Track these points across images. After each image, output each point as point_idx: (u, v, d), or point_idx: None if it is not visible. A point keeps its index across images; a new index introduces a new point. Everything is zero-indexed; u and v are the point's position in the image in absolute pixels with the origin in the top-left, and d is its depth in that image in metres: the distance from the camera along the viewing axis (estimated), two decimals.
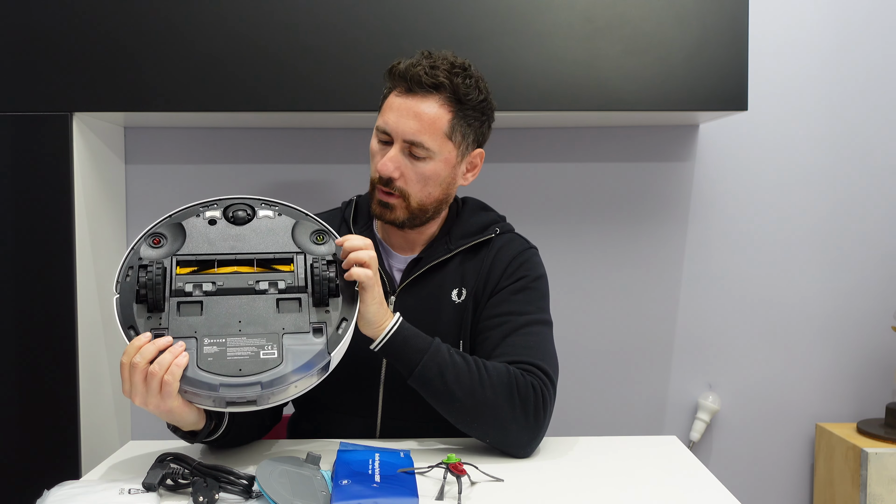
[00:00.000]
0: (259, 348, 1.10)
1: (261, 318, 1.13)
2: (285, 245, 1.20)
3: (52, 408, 1.74)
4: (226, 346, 1.09)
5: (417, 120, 1.29)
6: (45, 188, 1.73)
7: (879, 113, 2.06)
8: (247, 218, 1.22)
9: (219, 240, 1.19)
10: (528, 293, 1.35)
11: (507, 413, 1.21)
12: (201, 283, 1.14)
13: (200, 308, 1.12)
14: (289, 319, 1.13)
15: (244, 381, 1.07)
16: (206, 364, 1.07)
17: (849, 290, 2.08)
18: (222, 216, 1.21)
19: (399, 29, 1.71)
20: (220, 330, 1.11)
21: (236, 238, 1.20)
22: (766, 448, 2.10)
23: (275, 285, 1.16)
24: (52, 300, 1.74)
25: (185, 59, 1.71)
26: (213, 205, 1.22)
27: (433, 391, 1.22)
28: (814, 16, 2.04)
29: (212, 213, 1.21)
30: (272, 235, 1.21)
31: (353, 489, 1.00)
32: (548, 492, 1.09)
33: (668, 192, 2.06)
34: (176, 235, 1.19)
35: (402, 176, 1.30)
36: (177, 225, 1.19)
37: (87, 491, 1.02)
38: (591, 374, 2.07)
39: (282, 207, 1.24)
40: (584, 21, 1.73)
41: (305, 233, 1.22)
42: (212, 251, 1.18)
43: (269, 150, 2.02)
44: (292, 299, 1.15)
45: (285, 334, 1.12)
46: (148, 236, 1.18)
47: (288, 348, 1.10)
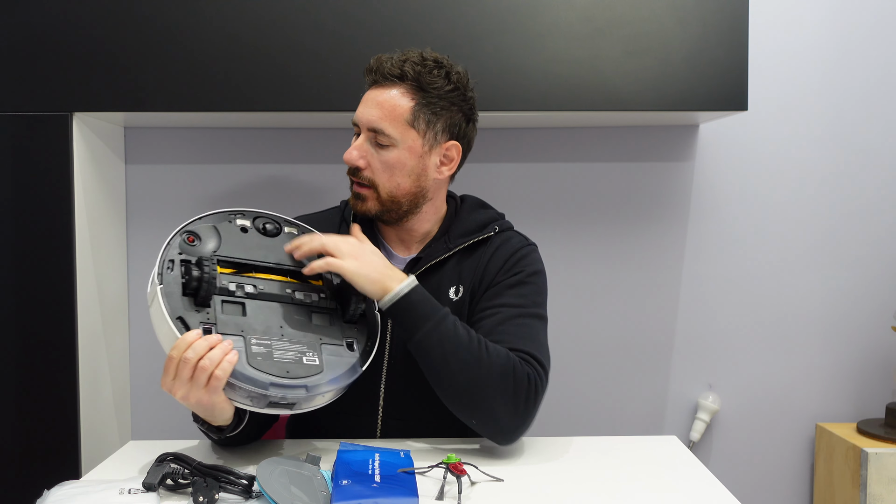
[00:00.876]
0: (302, 354, 1.14)
1: (299, 326, 1.17)
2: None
3: (52, 408, 1.74)
4: (272, 348, 1.13)
5: (379, 108, 1.31)
6: (45, 188, 1.73)
7: (879, 113, 2.06)
8: (275, 231, 1.27)
9: (253, 248, 1.22)
10: (525, 287, 1.34)
11: (499, 396, 1.19)
12: (244, 285, 1.17)
13: (242, 309, 1.15)
14: (324, 331, 1.19)
15: (292, 382, 1.10)
16: (256, 362, 1.10)
17: (849, 290, 2.08)
18: (252, 226, 1.25)
19: (399, 29, 1.71)
20: (265, 332, 1.14)
21: (268, 248, 1.24)
22: (766, 448, 2.10)
23: (309, 297, 1.21)
24: (52, 300, 1.74)
25: (185, 59, 1.71)
26: (241, 214, 1.26)
27: (430, 360, 1.22)
28: (814, 16, 2.04)
29: (242, 221, 1.25)
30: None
31: (353, 489, 1.00)
32: (548, 492, 1.09)
33: (668, 192, 2.06)
34: (210, 237, 1.21)
35: (368, 166, 1.33)
36: (211, 227, 1.22)
37: (87, 491, 1.02)
38: (592, 374, 2.08)
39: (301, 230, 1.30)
40: (584, 21, 1.73)
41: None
42: (248, 257, 1.21)
43: (269, 150, 2.02)
44: (324, 312, 1.22)
45: (323, 344, 1.17)
46: (182, 233, 1.19)
47: (326, 358, 1.16)
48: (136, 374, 2.04)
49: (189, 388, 1.07)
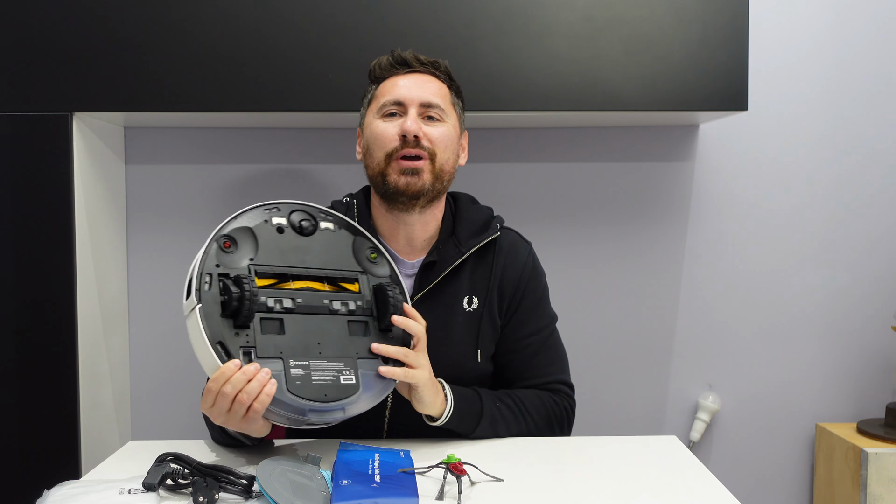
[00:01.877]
0: (339, 373, 1.13)
1: (336, 341, 1.16)
2: (348, 262, 1.24)
3: (52, 408, 1.74)
4: (310, 370, 1.12)
5: (428, 87, 1.38)
6: (45, 188, 1.73)
7: (880, 112, 2.06)
8: (311, 229, 1.23)
9: (289, 251, 1.20)
10: (542, 305, 1.46)
11: (547, 435, 1.37)
12: (283, 299, 1.15)
13: (280, 325, 1.13)
14: (360, 344, 1.18)
15: (330, 406, 1.11)
16: (295, 388, 1.09)
17: (849, 290, 2.08)
18: (288, 224, 1.22)
19: (400, 29, 1.71)
20: (303, 352, 1.13)
21: (304, 250, 1.21)
22: (766, 448, 2.10)
23: (346, 305, 1.19)
24: (52, 300, 1.74)
25: (184, 58, 1.71)
26: (277, 209, 1.22)
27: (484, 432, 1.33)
28: (814, 16, 2.04)
29: (278, 219, 1.21)
30: (335, 250, 1.24)
31: (354, 489, 1.00)
32: (548, 492, 1.09)
33: (668, 192, 2.06)
34: (246, 241, 1.18)
35: (426, 135, 1.34)
36: (246, 230, 1.19)
37: (87, 491, 1.02)
38: (592, 374, 2.07)
39: (335, 219, 1.27)
40: (584, 21, 1.73)
41: (362, 249, 1.26)
42: (284, 262, 1.18)
43: (269, 150, 2.02)
44: (360, 322, 1.20)
45: (359, 359, 1.16)
46: (218, 238, 1.17)
47: (363, 374, 1.15)
48: (136, 374, 2.04)
49: (227, 417, 1.08)
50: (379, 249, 1.28)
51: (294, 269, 1.19)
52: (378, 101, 1.38)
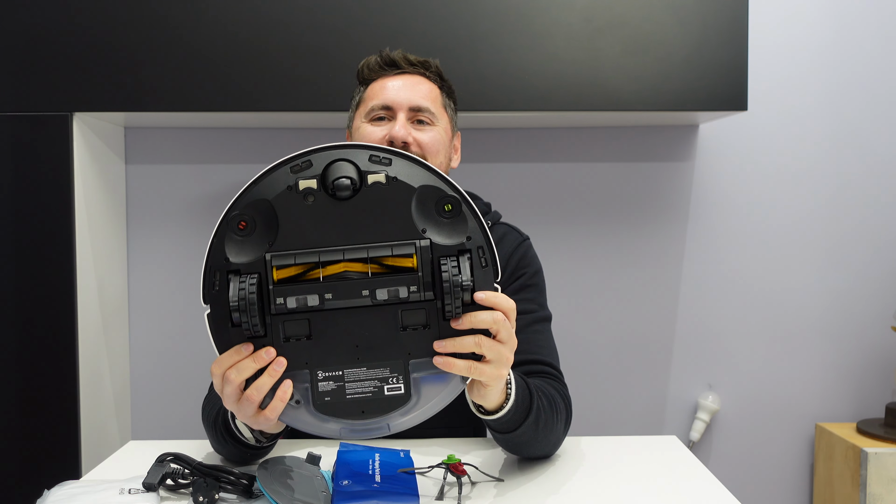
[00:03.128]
0: (383, 382, 0.91)
1: (381, 341, 0.91)
2: (405, 226, 0.91)
3: (52, 408, 1.74)
4: (344, 382, 0.91)
5: (418, 89, 1.32)
6: (45, 188, 1.73)
7: (879, 112, 2.06)
8: (351, 189, 0.91)
9: (319, 224, 0.91)
10: (529, 291, 1.35)
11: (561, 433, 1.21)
12: (305, 297, 0.90)
13: (308, 327, 0.91)
14: (414, 340, 0.91)
15: (368, 424, 0.92)
16: (323, 405, 0.91)
17: (849, 290, 2.08)
18: (320, 187, 0.92)
19: (399, 29, 1.71)
20: (336, 360, 0.91)
21: (341, 219, 0.91)
22: (766, 448, 2.10)
23: (395, 293, 0.91)
24: (52, 300, 1.74)
25: (185, 59, 1.71)
26: (308, 163, 0.93)
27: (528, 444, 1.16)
28: (813, 16, 2.04)
29: (307, 182, 0.91)
30: (387, 213, 0.91)
31: (354, 489, 1.00)
32: (548, 492, 1.09)
33: (668, 192, 2.06)
34: (266, 219, 0.92)
35: (415, 141, 1.29)
36: (264, 203, 0.92)
37: (87, 491, 1.02)
38: (591, 374, 2.07)
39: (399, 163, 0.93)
40: (583, 21, 1.73)
41: (430, 202, 0.93)
42: (312, 242, 0.91)
43: (269, 150, 2.02)
44: (417, 310, 0.91)
45: (411, 360, 0.91)
46: (231, 218, 0.92)
47: (416, 380, 0.91)
48: (136, 374, 2.04)
49: (237, 408, 0.93)
50: (457, 198, 0.93)
51: (323, 250, 0.91)
52: (366, 104, 1.33)
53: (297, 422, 0.93)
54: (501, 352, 0.93)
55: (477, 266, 0.92)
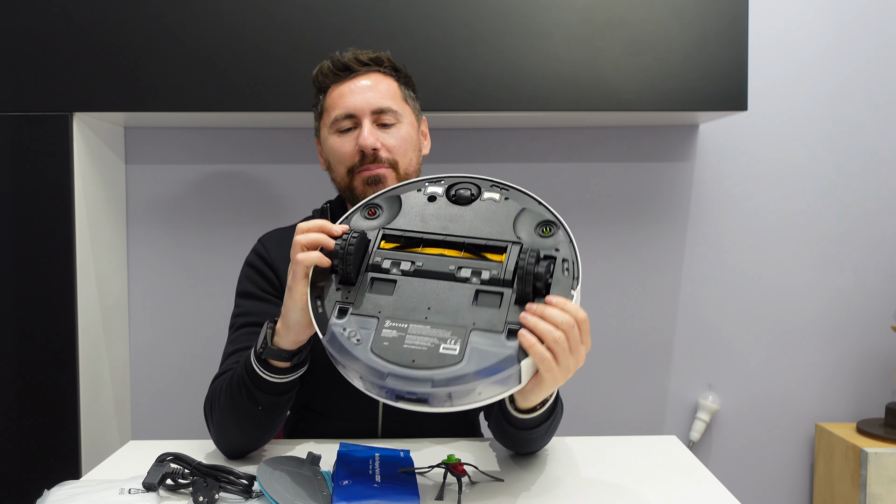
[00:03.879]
0: (441, 341, 0.97)
1: (452, 309, 1.00)
2: (503, 232, 1.05)
3: (52, 408, 1.74)
4: (406, 333, 0.98)
5: (376, 90, 1.33)
6: (45, 188, 1.73)
7: (879, 112, 2.06)
8: (469, 198, 1.09)
9: (433, 218, 1.07)
10: None
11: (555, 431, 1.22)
12: (399, 261, 1.04)
13: (392, 287, 1.02)
14: (484, 315, 0.99)
15: (415, 374, 0.95)
16: (380, 348, 0.97)
17: (849, 290, 2.08)
18: (444, 193, 1.09)
19: (399, 29, 1.72)
20: (406, 314, 1.00)
21: (452, 218, 1.07)
22: (766, 448, 2.10)
23: (478, 274, 1.01)
24: (52, 300, 1.74)
25: (185, 59, 1.71)
26: (441, 181, 1.11)
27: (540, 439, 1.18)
28: (813, 16, 2.04)
29: (434, 188, 1.10)
30: (492, 220, 1.06)
31: (354, 489, 1.00)
32: (548, 492, 1.09)
33: (668, 192, 2.06)
34: (391, 208, 1.09)
35: (383, 146, 1.31)
36: (395, 198, 1.10)
37: (87, 491, 1.02)
38: (592, 374, 2.07)
39: (513, 192, 1.10)
40: (584, 21, 1.73)
41: (531, 222, 1.06)
42: (423, 229, 1.06)
43: (269, 150, 2.02)
44: (494, 293, 1.00)
45: (474, 330, 0.98)
46: (364, 207, 1.10)
47: (473, 347, 0.96)
48: (136, 374, 2.04)
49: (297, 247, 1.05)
50: (556, 224, 1.05)
51: (427, 234, 1.06)
52: (329, 114, 1.34)
53: (350, 362, 0.99)
54: (568, 358, 0.95)
55: (558, 271, 1.00)
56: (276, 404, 1.16)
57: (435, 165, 2.00)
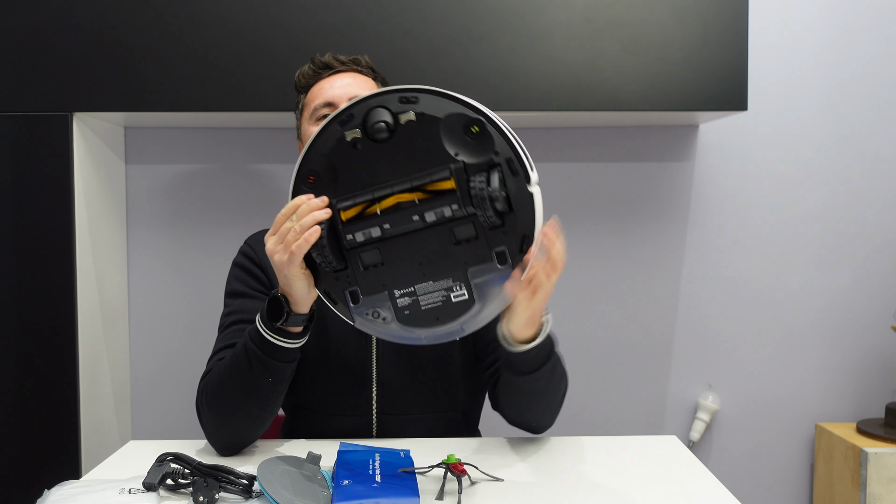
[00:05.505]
0: (448, 291, 1.06)
1: (440, 256, 1.05)
2: (438, 155, 1.04)
3: (52, 408, 1.74)
4: (416, 295, 1.07)
5: (354, 83, 1.37)
6: (45, 188, 1.73)
7: (879, 112, 2.06)
8: (389, 128, 1.06)
9: (368, 166, 1.07)
10: None
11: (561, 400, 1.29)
12: (369, 230, 1.07)
13: (379, 255, 1.07)
14: (468, 250, 1.04)
15: (445, 329, 1.06)
16: (405, 318, 1.07)
17: (849, 290, 2.08)
18: (363, 134, 1.07)
19: (399, 29, 1.72)
20: (406, 279, 1.07)
21: (385, 159, 1.06)
22: (766, 448, 2.10)
23: (441, 214, 1.04)
24: (52, 300, 1.74)
25: (185, 59, 1.71)
26: (350, 115, 1.08)
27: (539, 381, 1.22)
28: (813, 16, 2.04)
29: (352, 133, 1.07)
30: (421, 146, 1.05)
31: (354, 489, 1.00)
32: (548, 492, 1.09)
33: (668, 192, 2.06)
34: (327, 172, 1.09)
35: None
36: (323, 158, 1.09)
37: (87, 491, 1.02)
38: (591, 374, 2.08)
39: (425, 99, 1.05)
40: (584, 21, 1.73)
41: (458, 128, 1.04)
42: (367, 183, 1.07)
43: (269, 150, 2.02)
44: (465, 225, 1.04)
45: (469, 268, 1.05)
46: (301, 177, 1.10)
47: (476, 284, 1.04)
48: (136, 374, 2.04)
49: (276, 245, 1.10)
50: (479, 119, 1.04)
51: (374, 189, 1.06)
52: (309, 107, 1.38)
53: (390, 335, 1.09)
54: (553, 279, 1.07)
55: (508, 175, 1.02)
56: (283, 374, 1.20)
57: None
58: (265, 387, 1.19)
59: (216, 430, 1.23)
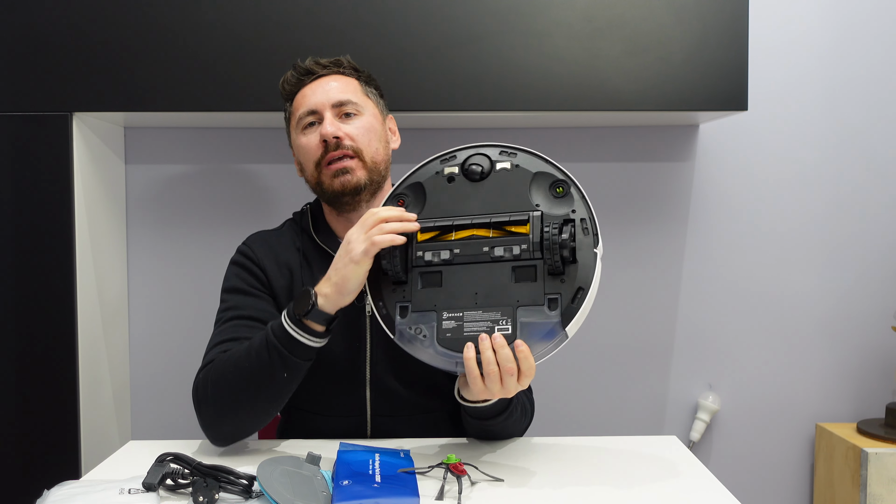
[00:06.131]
0: (494, 323, 1.10)
1: (496, 290, 1.11)
2: (521, 202, 1.15)
3: (52, 408, 1.74)
4: (462, 321, 1.11)
5: (335, 86, 1.38)
6: (45, 188, 1.73)
7: (879, 112, 2.06)
8: (484, 173, 1.18)
9: (457, 200, 1.18)
10: None
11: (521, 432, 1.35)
12: (439, 251, 1.15)
13: (439, 278, 1.14)
14: (524, 290, 1.11)
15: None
16: (444, 340, 1.11)
17: (849, 290, 2.08)
18: (461, 171, 1.19)
19: (399, 29, 1.71)
20: (458, 303, 1.12)
21: (474, 197, 1.17)
22: (766, 448, 2.10)
23: (510, 251, 1.12)
24: (52, 300, 1.74)
25: (185, 59, 1.71)
26: (454, 156, 1.21)
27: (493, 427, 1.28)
28: (813, 16, 2.04)
29: (450, 168, 1.20)
30: (508, 191, 1.16)
31: (354, 489, 1.00)
32: (548, 492, 1.09)
33: (668, 192, 2.06)
34: (417, 196, 1.20)
35: (346, 135, 1.35)
36: (418, 185, 1.21)
37: (87, 491, 1.02)
38: (591, 374, 2.07)
39: (521, 156, 1.19)
40: (584, 21, 1.73)
41: (544, 185, 1.17)
42: (450, 213, 1.17)
43: (269, 150, 2.02)
44: (528, 267, 1.12)
45: (520, 307, 1.10)
46: (392, 198, 1.21)
47: (522, 323, 1.09)
48: (136, 374, 2.04)
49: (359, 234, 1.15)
50: (566, 182, 1.17)
51: (456, 218, 1.16)
52: (295, 116, 1.40)
53: (423, 354, 1.13)
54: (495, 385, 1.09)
55: (579, 232, 1.12)
56: (300, 371, 1.21)
57: None
58: (279, 381, 1.20)
59: (217, 420, 1.23)
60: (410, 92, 1.72)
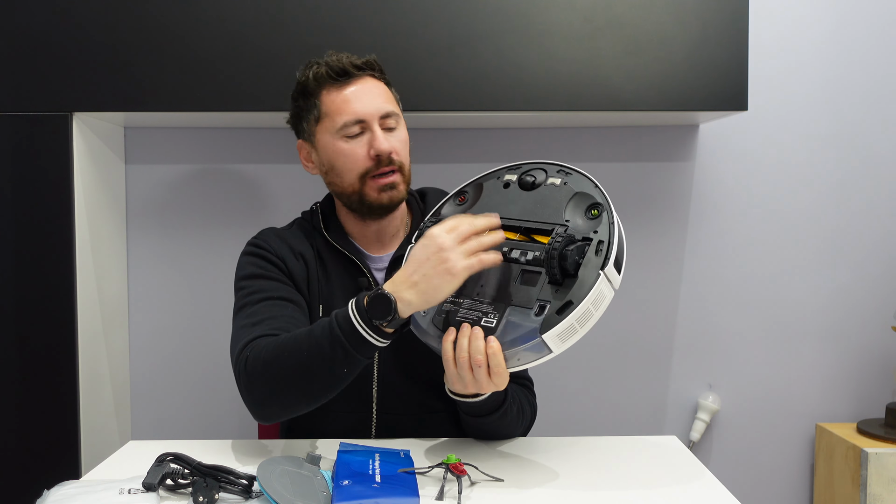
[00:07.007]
0: (483, 315, 1.14)
1: (499, 287, 1.15)
2: (554, 215, 1.19)
3: (52, 408, 1.74)
4: (460, 307, 1.16)
5: (379, 95, 1.35)
6: (45, 188, 1.73)
7: (879, 112, 2.06)
8: (535, 184, 1.23)
9: (503, 203, 1.23)
10: None
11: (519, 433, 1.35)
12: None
13: None
14: (521, 292, 1.14)
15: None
16: (438, 319, 1.17)
17: (849, 290, 2.08)
18: (517, 180, 1.25)
19: (399, 29, 1.71)
20: (464, 290, 1.16)
21: (518, 203, 1.22)
22: (766, 448, 2.10)
23: (525, 255, 1.16)
24: (52, 300, 1.74)
25: (185, 59, 1.71)
26: (520, 167, 1.26)
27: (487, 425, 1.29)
28: (814, 16, 2.04)
29: (510, 175, 1.26)
30: (548, 204, 1.20)
31: (354, 489, 1.00)
32: (548, 492, 1.09)
33: (668, 192, 2.06)
34: (475, 194, 1.27)
35: (393, 149, 1.34)
36: (479, 185, 1.28)
37: (87, 491, 1.02)
38: (591, 374, 2.07)
39: (574, 176, 1.22)
40: (584, 21, 1.73)
41: (583, 205, 1.19)
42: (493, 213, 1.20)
43: (269, 150, 2.02)
44: (534, 273, 1.15)
45: (511, 306, 1.13)
46: (456, 194, 1.29)
47: (508, 321, 1.12)
48: (136, 374, 2.04)
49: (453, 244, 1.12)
50: (603, 206, 1.19)
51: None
52: (332, 119, 1.33)
53: (418, 325, 1.18)
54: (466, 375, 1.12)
55: (591, 251, 1.13)
56: (359, 367, 1.18)
57: (436, 165, 2.01)
58: (337, 374, 1.16)
59: (268, 398, 1.19)
60: (410, 92, 1.71)
